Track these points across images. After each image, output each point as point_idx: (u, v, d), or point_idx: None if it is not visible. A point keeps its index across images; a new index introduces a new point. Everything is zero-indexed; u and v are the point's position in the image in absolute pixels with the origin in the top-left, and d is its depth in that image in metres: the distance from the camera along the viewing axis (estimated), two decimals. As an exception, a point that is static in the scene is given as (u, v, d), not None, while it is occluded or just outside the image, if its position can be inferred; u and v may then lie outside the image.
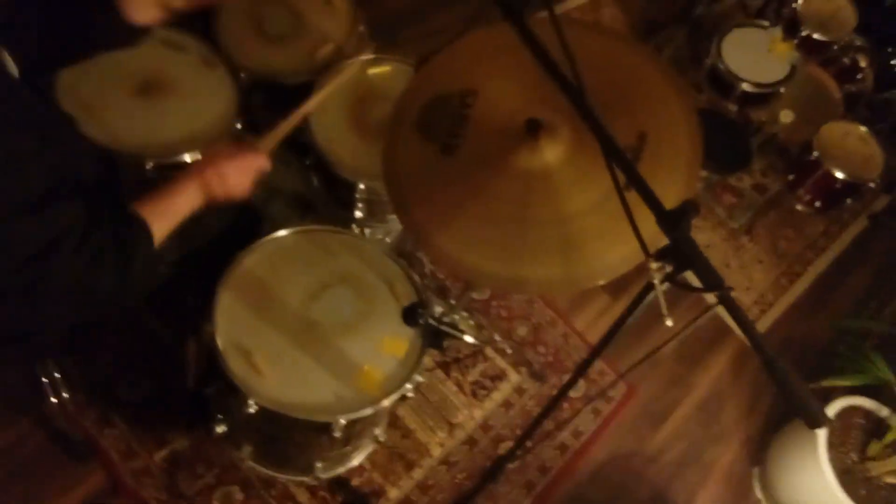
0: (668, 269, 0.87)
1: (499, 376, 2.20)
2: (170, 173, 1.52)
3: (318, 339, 1.43)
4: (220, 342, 1.37)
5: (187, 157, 1.54)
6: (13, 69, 1.10)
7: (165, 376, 1.87)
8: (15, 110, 1.03)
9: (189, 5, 1.28)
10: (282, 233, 1.53)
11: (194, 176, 1.25)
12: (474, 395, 2.15)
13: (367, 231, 1.78)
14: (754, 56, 2.53)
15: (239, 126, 1.63)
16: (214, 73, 1.66)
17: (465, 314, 2.16)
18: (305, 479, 1.74)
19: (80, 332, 1.46)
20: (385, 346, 1.46)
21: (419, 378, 1.45)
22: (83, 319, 1.36)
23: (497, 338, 2.24)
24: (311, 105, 1.51)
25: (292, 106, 1.58)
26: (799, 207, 2.61)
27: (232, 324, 1.40)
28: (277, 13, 1.81)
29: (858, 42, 2.74)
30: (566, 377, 2.24)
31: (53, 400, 1.64)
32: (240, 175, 1.30)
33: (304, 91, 1.69)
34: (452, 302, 2.07)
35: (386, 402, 1.40)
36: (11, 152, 0.98)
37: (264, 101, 1.74)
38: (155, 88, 1.60)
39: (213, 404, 1.65)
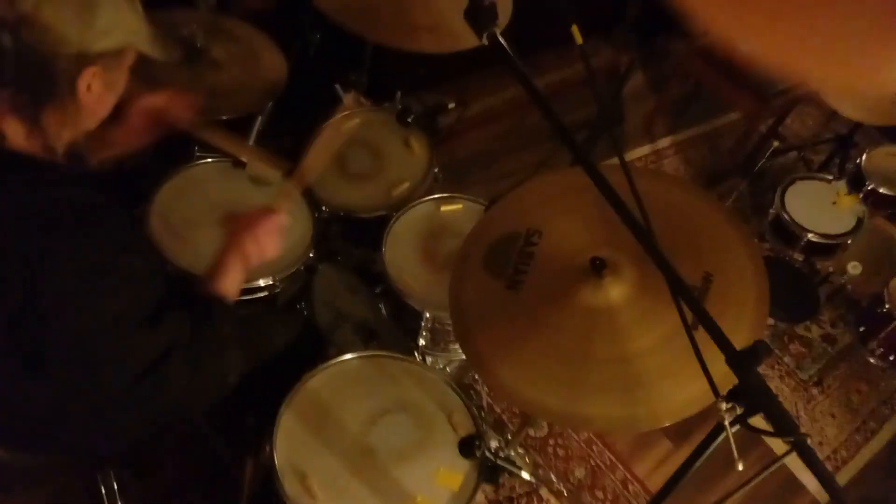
0: (738, 411, 0.86)
1: (554, 520, 2.10)
2: (244, 297, 1.62)
3: (373, 465, 1.42)
4: (277, 462, 1.38)
5: (262, 283, 1.63)
6: None
7: (221, 496, 1.86)
8: (124, 232, 1.11)
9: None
10: (347, 356, 1.57)
11: (233, 247, 1.29)
12: (529, 538, 2.05)
13: (428, 359, 1.80)
14: (819, 208, 2.55)
15: (312, 255, 1.72)
16: (295, 207, 1.78)
17: (521, 451, 2.11)
18: None
19: (143, 444, 1.50)
20: (440, 477, 1.44)
21: (473, 513, 1.41)
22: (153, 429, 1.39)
23: (553, 478, 2.16)
24: (308, 162, 1.57)
25: (365, 239, 1.67)
26: (872, 361, 2.52)
27: (291, 444, 1.41)
28: (361, 154, 1.96)
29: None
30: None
31: None
32: (269, 235, 1.33)
33: (380, 223, 1.79)
34: (509, 437, 2.03)
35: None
36: (131, 271, 1.06)
37: (342, 233, 1.84)
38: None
39: None
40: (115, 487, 1.69)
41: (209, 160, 1.80)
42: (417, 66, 2.55)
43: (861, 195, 2.61)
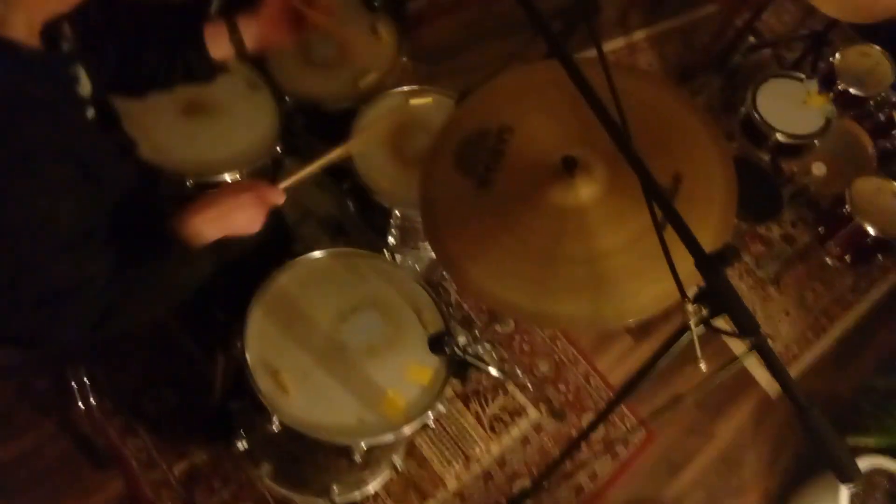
0: (704, 312, 0.88)
1: (518, 412, 2.19)
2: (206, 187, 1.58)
3: (344, 361, 1.44)
4: (249, 358, 1.39)
5: (227, 177, 1.58)
6: (85, 88, 1.13)
7: (191, 390, 1.89)
8: (67, 135, 1.03)
9: (257, 49, 1.35)
10: (315, 254, 1.56)
11: (220, 204, 1.23)
12: (493, 429, 2.14)
13: (398, 257, 1.80)
14: (789, 107, 2.54)
15: (279, 149, 1.66)
16: (258, 96, 1.71)
17: (488, 346, 2.16)
18: (321, 501, 1.74)
19: (110, 343, 1.49)
20: (410, 372, 1.47)
21: (441, 408, 1.45)
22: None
23: (519, 373, 2.23)
24: (336, 153, 1.48)
25: (331, 133, 1.61)
26: (828, 261, 2.60)
27: (261, 341, 1.42)
28: (324, 42, 1.86)
29: (894, 98, 2.74)
30: (586, 417, 2.24)
31: (80, 405, 1.66)
32: (255, 208, 1.27)
33: (344, 118, 1.73)
34: (477, 333, 2.07)
35: (408, 430, 1.40)
36: (50, 182, 0.99)
37: (306, 126, 1.78)
38: (200, 109, 1.65)
39: (237, 420, 1.66)
40: (87, 382, 1.70)
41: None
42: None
43: (832, 95, 2.60)
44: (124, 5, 1.40)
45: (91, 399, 1.68)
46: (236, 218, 1.23)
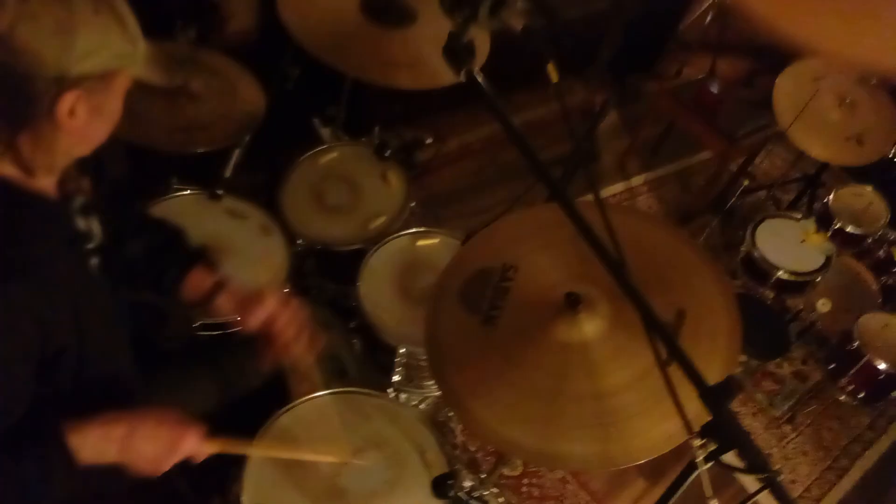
0: (711, 448, 0.86)
1: (528, 561, 2.07)
2: (213, 332, 1.59)
3: (345, 505, 1.39)
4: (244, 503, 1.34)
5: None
6: (96, 238, 1.17)
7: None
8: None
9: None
10: (319, 393, 1.54)
11: (127, 427, 1.11)
12: (502, 579, 2.02)
13: (402, 396, 1.78)
14: (788, 246, 2.60)
15: (287, 290, 1.70)
16: (270, 240, 1.77)
17: (495, 490, 2.08)
18: None
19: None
20: (414, 520, 1.41)
21: (445, 555, 1.38)
22: None
23: (528, 518, 2.14)
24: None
25: (340, 273, 1.66)
26: (842, 398, 2.55)
27: (259, 486, 1.37)
28: (338, 187, 1.96)
29: (892, 236, 2.80)
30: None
31: None
32: (169, 450, 1.16)
33: (354, 258, 1.79)
34: (483, 476, 2.01)
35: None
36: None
37: (317, 266, 1.83)
38: (213, 252, 1.69)
39: None
40: None
41: (185, 192, 1.78)
42: (395, 102, 2.58)
43: (829, 233, 2.66)
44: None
45: None
46: (143, 450, 1.12)
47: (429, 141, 2.12)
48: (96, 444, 1.08)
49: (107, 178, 1.21)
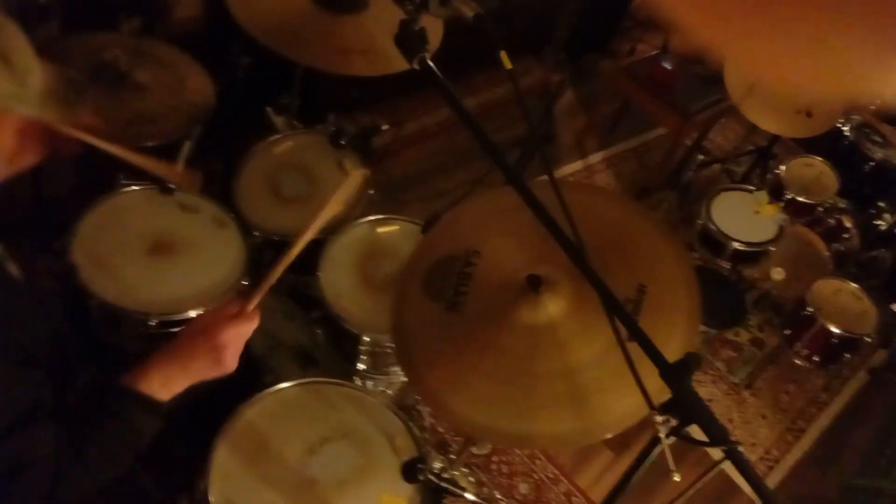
0: (674, 422, 0.88)
1: (501, 539, 2.11)
2: (172, 329, 1.57)
3: (315, 497, 1.39)
4: (212, 500, 1.33)
5: (192, 314, 1.58)
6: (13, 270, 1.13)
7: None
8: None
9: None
10: (283, 385, 1.53)
11: (184, 352, 1.18)
12: (475, 558, 2.04)
13: (369, 383, 1.78)
14: (743, 217, 2.66)
15: (246, 283, 1.68)
16: (225, 233, 1.73)
17: (465, 470, 2.10)
18: None
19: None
20: (383, 502, 1.42)
21: (417, 537, 1.40)
22: None
23: (498, 496, 2.16)
24: (293, 253, 1.50)
25: (300, 265, 1.63)
26: (798, 362, 2.63)
27: (227, 480, 1.36)
28: (293, 177, 1.93)
29: (842, 204, 2.89)
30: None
31: None
32: (233, 347, 1.22)
33: (313, 250, 1.77)
34: (453, 457, 2.03)
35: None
36: None
37: (275, 258, 1.81)
38: (166, 248, 1.65)
39: None
40: None
41: (135, 188, 1.74)
42: (350, 88, 2.55)
43: (782, 204, 2.73)
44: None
45: None
46: (202, 369, 1.18)
47: (385, 127, 2.10)
48: (166, 383, 1.13)
49: (45, 196, 1.17)
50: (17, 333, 1.04)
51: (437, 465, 1.98)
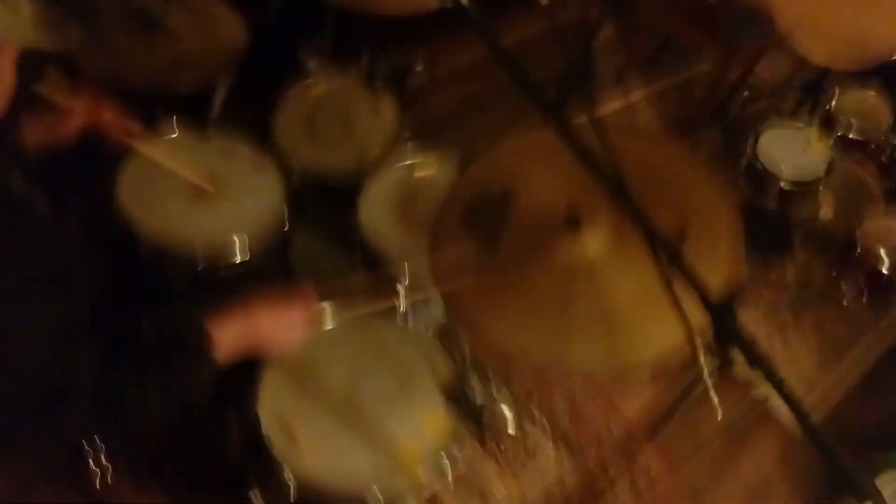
0: (716, 358, 0.87)
1: (534, 451, 2.16)
2: (219, 273, 1.60)
3: (358, 415, 1.45)
4: (262, 417, 1.40)
5: (235, 248, 1.61)
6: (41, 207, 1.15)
7: (205, 448, 1.85)
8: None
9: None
10: (329, 315, 1.56)
11: (253, 324, 1.22)
12: (510, 469, 2.10)
13: (409, 322, 1.79)
14: (790, 154, 2.56)
15: (284, 222, 1.70)
16: (264, 177, 1.75)
17: (502, 389, 2.14)
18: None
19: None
20: (425, 422, 1.47)
21: (456, 453, 1.45)
22: None
23: (536, 413, 2.20)
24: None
25: (338, 206, 1.64)
26: (845, 302, 2.57)
27: (275, 398, 1.44)
28: (330, 119, 1.92)
29: (891, 139, 2.76)
30: (604, 453, 2.19)
31: (94, 468, 1.64)
32: (293, 331, 1.29)
33: (353, 190, 1.77)
34: (490, 377, 2.06)
35: (423, 477, 1.40)
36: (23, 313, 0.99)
37: (314, 200, 1.82)
38: (208, 192, 1.68)
39: (253, 478, 1.64)
40: (101, 446, 1.67)
41: (173, 136, 1.75)
42: (382, 28, 2.50)
43: (832, 140, 2.63)
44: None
45: (104, 461, 1.65)
46: (270, 336, 1.24)
47: (419, 67, 2.06)
48: (230, 345, 1.17)
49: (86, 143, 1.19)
50: (36, 257, 1.04)
51: (476, 386, 2.02)
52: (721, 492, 2.23)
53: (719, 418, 0.86)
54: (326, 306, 1.46)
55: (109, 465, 1.67)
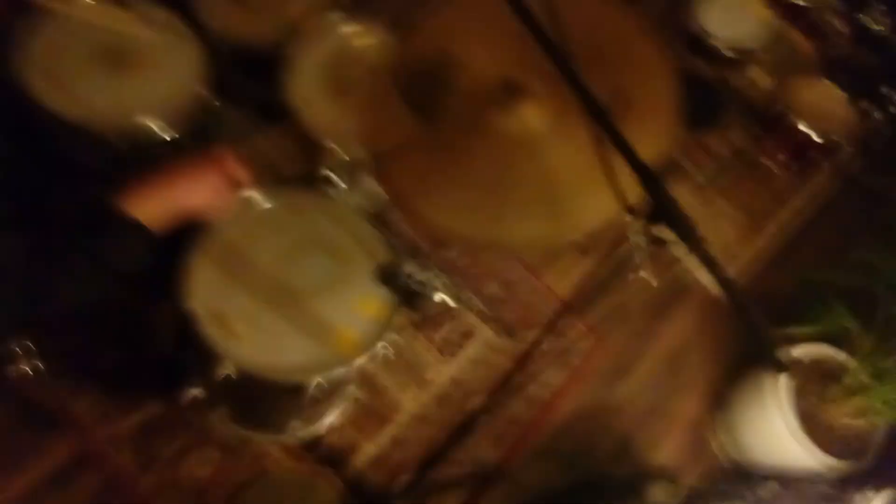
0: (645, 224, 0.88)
1: (469, 333, 2.23)
2: (139, 145, 1.51)
3: (292, 301, 1.43)
4: (194, 306, 1.36)
5: (151, 124, 1.52)
6: None
7: (137, 342, 1.84)
8: None
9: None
10: (256, 197, 1.50)
11: (178, 182, 1.19)
12: (445, 351, 2.17)
13: (341, 195, 1.75)
14: (731, 17, 2.52)
15: (205, 93, 1.60)
16: (182, 43, 1.63)
17: (437, 272, 2.16)
18: (281, 437, 1.75)
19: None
20: (359, 306, 1.46)
21: (392, 336, 1.46)
22: None
23: (469, 295, 2.25)
24: None
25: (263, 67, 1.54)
26: (772, 167, 2.64)
27: (206, 288, 1.38)
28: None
29: (835, 3, 2.74)
30: (536, 332, 2.28)
31: (25, 368, 1.61)
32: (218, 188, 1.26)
33: (280, 56, 1.65)
34: (424, 259, 2.07)
35: (359, 362, 1.41)
36: None
37: (238, 67, 1.70)
38: (123, 59, 1.57)
39: (188, 368, 1.64)
40: (31, 346, 1.64)
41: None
42: None
43: (773, 6, 2.58)
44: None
45: (36, 361, 1.62)
46: (195, 199, 1.20)
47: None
48: (155, 210, 1.12)
49: None
50: None
51: (410, 267, 2.03)
52: (643, 360, 2.37)
53: (648, 279, 0.89)
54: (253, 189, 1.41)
55: (41, 364, 1.63)
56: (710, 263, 0.83)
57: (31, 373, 1.59)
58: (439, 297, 2.12)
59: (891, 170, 2.89)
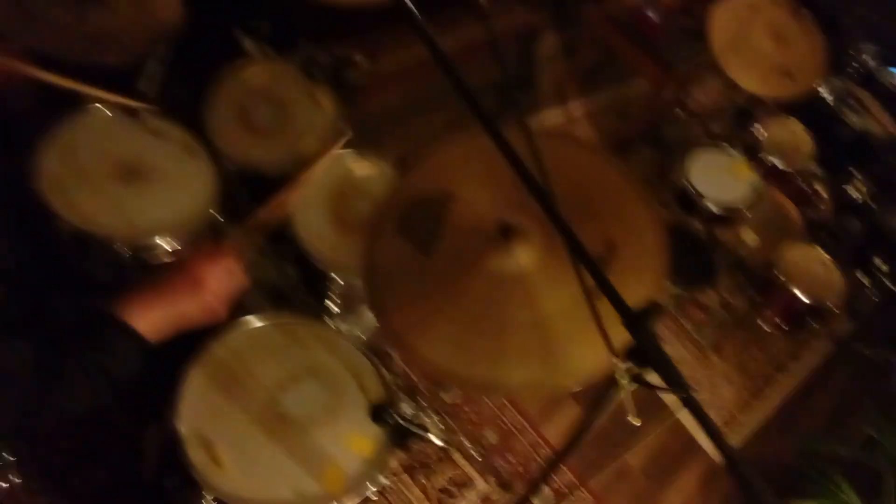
0: (634, 369, 0.88)
1: (466, 483, 2.15)
2: (143, 256, 1.54)
3: (282, 432, 1.40)
4: (182, 431, 1.33)
5: (159, 240, 1.55)
6: None
7: (122, 465, 1.78)
8: None
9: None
10: (255, 323, 1.52)
11: (172, 292, 1.19)
12: (440, 501, 2.08)
13: (341, 325, 1.77)
14: (719, 177, 2.63)
15: (216, 214, 1.65)
16: (195, 162, 1.69)
17: (434, 416, 2.12)
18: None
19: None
20: (351, 443, 1.43)
21: (383, 480, 1.42)
22: None
23: (466, 443, 2.19)
24: (287, 194, 1.50)
25: (271, 196, 1.61)
26: (765, 327, 2.66)
27: (196, 412, 1.37)
28: (265, 107, 1.87)
29: (817, 170, 2.89)
30: (529, 487, 2.20)
31: (3, 484, 1.55)
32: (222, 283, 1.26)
33: (284, 183, 1.74)
34: (422, 402, 2.04)
35: (347, 502, 1.35)
36: None
37: (247, 193, 1.77)
38: (135, 174, 1.62)
39: (171, 497, 1.57)
40: (11, 459, 1.59)
41: (100, 108, 1.67)
42: (323, 16, 2.45)
43: (757, 166, 2.72)
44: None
45: (14, 478, 1.56)
46: (190, 303, 1.20)
47: (359, 58, 2.02)
48: (144, 324, 1.12)
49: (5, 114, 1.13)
50: None
51: (406, 408, 2.00)
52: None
53: (637, 424, 0.88)
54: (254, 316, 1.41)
55: (20, 482, 1.58)
56: (700, 417, 0.82)
57: (7, 487, 1.54)
58: (434, 440, 2.08)
59: (884, 338, 2.91)
